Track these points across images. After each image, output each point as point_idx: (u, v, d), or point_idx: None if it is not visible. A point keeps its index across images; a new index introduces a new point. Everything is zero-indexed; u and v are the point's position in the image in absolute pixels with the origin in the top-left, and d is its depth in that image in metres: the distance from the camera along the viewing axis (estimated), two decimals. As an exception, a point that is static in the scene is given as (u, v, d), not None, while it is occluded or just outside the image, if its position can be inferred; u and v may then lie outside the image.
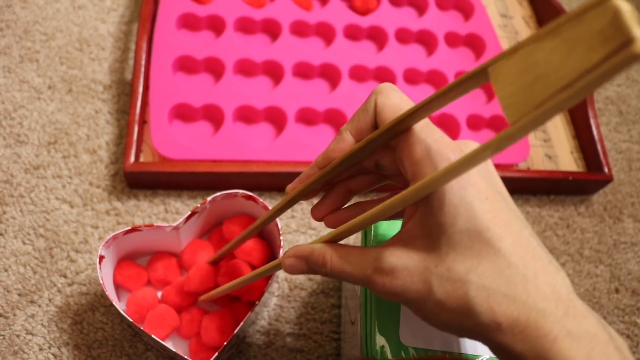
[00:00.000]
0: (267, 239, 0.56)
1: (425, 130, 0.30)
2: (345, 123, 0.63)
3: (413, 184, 0.28)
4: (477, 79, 0.25)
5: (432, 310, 0.29)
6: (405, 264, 0.29)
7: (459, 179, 0.28)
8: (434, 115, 0.67)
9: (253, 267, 0.54)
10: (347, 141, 0.34)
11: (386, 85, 0.33)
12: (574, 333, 0.26)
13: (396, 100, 0.32)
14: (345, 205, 0.39)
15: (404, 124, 0.30)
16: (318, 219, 0.39)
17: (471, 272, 0.28)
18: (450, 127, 0.68)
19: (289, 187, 0.38)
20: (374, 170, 0.36)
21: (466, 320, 0.28)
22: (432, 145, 0.30)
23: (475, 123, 0.69)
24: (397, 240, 0.31)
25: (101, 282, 0.47)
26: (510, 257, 0.28)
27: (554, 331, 0.26)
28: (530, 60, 0.21)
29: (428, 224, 0.29)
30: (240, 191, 0.51)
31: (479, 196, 0.28)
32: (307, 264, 0.34)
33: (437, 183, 0.26)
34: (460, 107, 0.67)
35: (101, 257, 0.48)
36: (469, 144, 0.31)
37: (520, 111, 0.21)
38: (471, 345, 0.41)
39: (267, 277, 0.53)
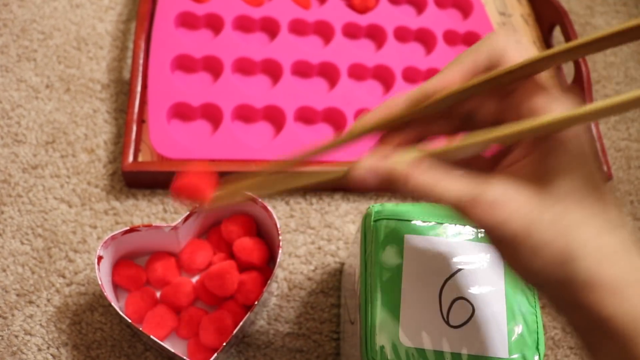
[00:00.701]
0: (266, 238, 0.55)
1: (549, 82, 0.29)
2: (344, 122, 0.63)
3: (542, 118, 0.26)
4: None
5: (528, 254, 0.27)
6: (512, 198, 0.27)
7: (580, 135, 0.27)
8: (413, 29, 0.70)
9: (248, 267, 0.54)
10: (452, 79, 0.30)
11: (503, 30, 0.31)
12: None
13: (522, 44, 0.30)
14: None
15: (530, 68, 0.28)
16: (380, 145, 0.34)
17: (583, 222, 0.26)
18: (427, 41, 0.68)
19: (360, 122, 0.33)
20: (462, 118, 0.32)
21: (560, 271, 0.26)
22: (558, 97, 0.28)
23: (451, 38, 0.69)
24: (506, 175, 0.29)
25: (100, 282, 0.47)
26: (618, 220, 0.27)
27: None
28: None
29: (545, 167, 0.27)
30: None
31: (592, 155, 0.27)
32: (382, 179, 0.30)
33: (571, 122, 0.25)
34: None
35: (100, 258, 0.48)
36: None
37: None
38: (471, 345, 0.41)
39: (266, 277, 0.53)
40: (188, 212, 0.51)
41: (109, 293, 0.48)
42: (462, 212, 0.29)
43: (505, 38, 0.30)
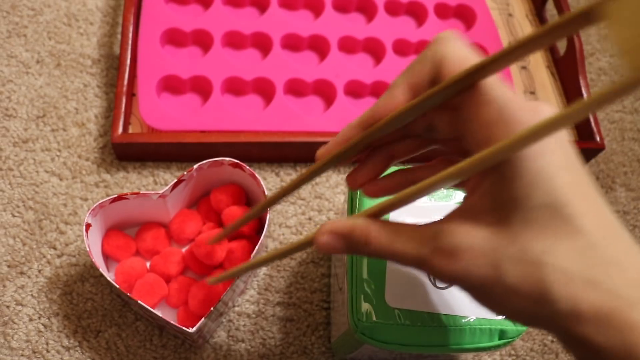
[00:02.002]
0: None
1: (496, 87, 0.26)
2: (334, 94, 0.63)
3: (482, 149, 0.24)
4: (582, 19, 0.21)
5: (501, 297, 0.25)
6: (470, 244, 0.25)
7: (536, 147, 0.24)
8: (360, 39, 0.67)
9: (237, 237, 0.54)
10: (399, 98, 0.29)
11: (448, 34, 0.28)
12: None
13: (463, 50, 0.28)
14: (385, 173, 0.35)
15: (472, 78, 0.26)
16: (355, 188, 0.35)
17: (548, 253, 0.24)
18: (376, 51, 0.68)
19: (320, 151, 0.33)
20: (423, 134, 0.31)
21: (541, 309, 0.24)
22: (507, 105, 0.25)
23: (402, 48, 0.69)
24: (461, 215, 0.27)
25: (88, 249, 0.47)
26: (592, 237, 0.24)
27: None
28: None
29: (499, 197, 0.25)
30: (227, 159, 0.51)
31: (559, 167, 0.25)
32: (346, 242, 0.29)
33: (514, 148, 0.23)
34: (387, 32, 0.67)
35: (88, 225, 0.48)
36: (543, 106, 0.26)
37: None
38: (458, 306, 0.41)
39: (252, 245, 0.53)
40: (176, 180, 0.51)
41: (98, 261, 0.48)
42: (425, 267, 0.27)
43: (444, 47, 0.28)
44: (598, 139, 0.66)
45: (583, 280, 0.24)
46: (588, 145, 0.65)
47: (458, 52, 0.28)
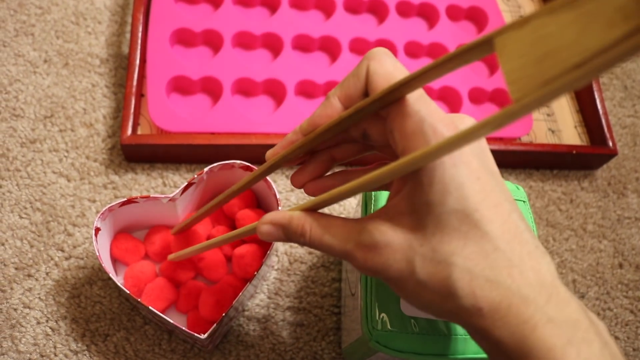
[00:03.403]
0: (266, 210, 0.55)
1: (419, 101, 0.29)
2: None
3: (403, 157, 0.26)
4: (481, 49, 0.23)
5: (413, 290, 0.28)
6: (388, 241, 0.28)
7: (451, 156, 0.27)
8: (435, 89, 0.66)
9: (253, 240, 0.53)
10: (335, 107, 0.32)
11: (379, 50, 0.31)
12: (556, 319, 0.26)
13: (389, 67, 0.30)
14: (328, 173, 0.37)
15: (397, 93, 0.29)
16: (298, 186, 0.37)
17: (456, 254, 0.27)
18: (452, 100, 0.67)
19: (269, 153, 0.36)
20: (361, 140, 0.34)
21: (447, 303, 0.27)
22: (426, 118, 0.28)
23: (477, 96, 0.68)
24: (382, 215, 0.30)
25: (97, 254, 0.46)
26: (496, 241, 0.27)
27: (534, 318, 0.26)
28: (542, 33, 0.20)
29: (415, 201, 0.28)
30: (238, 162, 0.51)
31: (471, 176, 0.27)
32: (284, 232, 0.32)
33: (428, 158, 0.25)
34: (462, 80, 0.66)
35: (97, 230, 0.48)
36: (463, 119, 0.30)
37: (526, 87, 0.20)
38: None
39: (265, 249, 0.52)
40: (186, 183, 0.50)
41: (107, 265, 0.48)
42: (349, 260, 0.30)
43: (373, 62, 0.30)
44: (611, 144, 0.65)
45: (485, 279, 0.26)
46: (601, 151, 0.65)
47: (386, 68, 0.30)
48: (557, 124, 0.70)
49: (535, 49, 0.20)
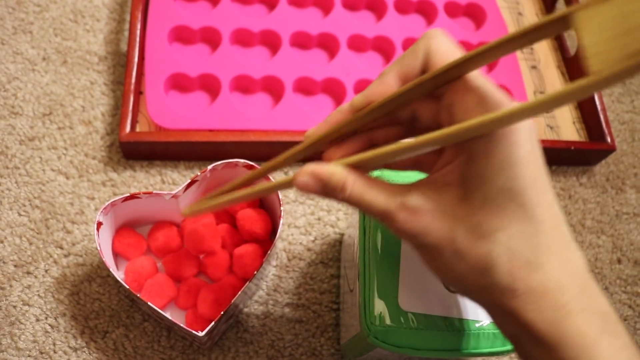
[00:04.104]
0: (268, 209, 0.55)
1: (480, 79, 0.29)
2: (344, 93, 0.62)
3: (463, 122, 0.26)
4: (556, 26, 0.23)
5: (448, 261, 0.28)
6: (434, 207, 0.28)
7: (510, 136, 0.27)
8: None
9: (255, 240, 0.53)
10: (390, 84, 0.31)
11: (437, 31, 0.31)
12: (589, 309, 0.26)
13: (449, 45, 0.30)
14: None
15: (456, 71, 0.29)
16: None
17: (500, 231, 0.27)
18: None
19: (309, 132, 0.35)
20: (407, 123, 0.33)
21: (481, 279, 0.27)
22: (489, 93, 0.28)
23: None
24: (429, 182, 0.30)
25: (98, 248, 0.47)
26: (540, 226, 0.27)
27: (569, 305, 0.26)
28: (625, 10, 0.20)
29: (467, 174, 0.28)
30: (242, 160, 0.51)
31: (526, 158, 0.27)
32: (323, 185, 0.30)
33: (492, 124, 0.25)
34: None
35: (99, 224, 0.48)
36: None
37: (608, 60, 0.20)
38: (472, 310, 0.41)
39: (265, 249, 0.52)
40: (189, 181, 0.50)
41: (108, 260, 0.48)
42: (388, 220, 0.29)
43: (434, 40, 0.30)
44: (609, 140, 0.65)
45: (526, 261, 0.26)
46: (599, 147, 0.65)
47: (444, 46, 0.30)
48: (556, 120, 0.70)
49: (618, 24, 0.20)
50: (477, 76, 0.29)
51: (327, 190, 0.31)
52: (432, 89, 0.30)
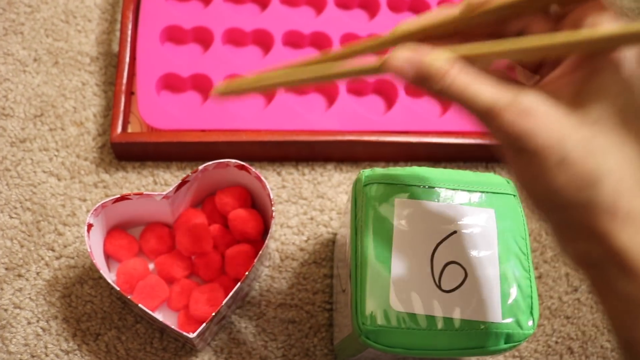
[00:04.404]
0: (260, 209, 0.55)
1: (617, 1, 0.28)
2: (337, 92, 0.62)
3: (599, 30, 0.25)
4: None
5: (550, 169, 0.26)
6: (548, 110, 0.26)
7: (638, 57, 0.25)
8: None
9: (247, 240, 0.53)
10: None
11: None
12: None
13: None
14: None
15: None
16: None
17: (615, 148, 0.25)
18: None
19: (399, 26, 0.31)
20: (509, 37, 0.30)
21: (582, 193, 0.26)
22: (622, 12, 0.27)
23: None
24: (545, 87, 0.28)
25: (89, 250, 0.46)
26: None
27: None
28: None
29: (588, 86, 0.26)
30: (233, 160, 0.50)
31: None
32: (419, 72, 0.28)
33: (629, 38, 0.24)
34: None
35: (90, 226, 0.48)
36: None
37: None
38: (463, 310, 0.40)
39: (257, 251, 0.52)
40: (180, 181, 0.50)
41: (99, 262, 0.48)
42: (492, 117, 0.27)
43: None
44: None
45: (635, 183, 0.25)
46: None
47: None
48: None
49: None
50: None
51: (424, 77, 0.28)
52: (559, 5, 0.28)
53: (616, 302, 0.27)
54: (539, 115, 0.26)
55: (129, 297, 0.46)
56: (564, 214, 0.27)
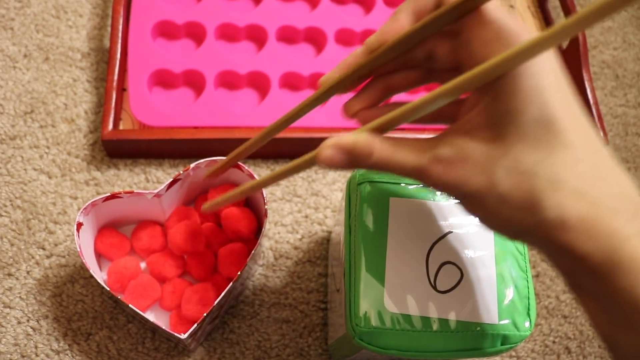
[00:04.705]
0: (253, 207, 0.54)
1: (498, 10, 0.28)
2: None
3: (483, 64, 0.25)
4: None
5: (492, 206, 0.27)
6: (467, 153, 0.27)
7: (531, 66, 0.26)
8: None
9: (240, 239, 0.52)
10: (404, 22, 0.30)
11: None
12: None
13: None
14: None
15: (471, 3, 0.27)
16: (351, 114, 0.35)
17: (540, 163, 0.25)
18: None
19: (323, 78, 0.34)
20: (424, 63, 0.32)
21: (529, 217, 0.26)
22: (507, 25, 0.27)
23: None
24: (458, 129, 0.28)
25: (79, 249, 0.45)
26: (580, 152, 0.26)
27: (623, 230, 0.25)
28: None
29: (495, 112, 0.27)
30: (225, 158, 0.50)
31: (553, 85, 0.26)
32: (349, 155, 0.29)
33: (513, 61, 0.24)
34: None
35: (79, 225, 0.47)
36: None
37: None
38: (459, 311, 0.40)
39: (251, 248, 0.51)
40: (172, 179, 0.49)
41: (88, 261, 0.47)
42: (422, 176, 0.28)
43: None
44: (602, 134, 0.64)
45: (572, 190, 0.25)
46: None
47: None
48: (547, 114, 0.68)
49: None
50: (493, 8, 0.28)
51: (353, 158, 0.29)
52: (448, 24, 0.29)
53: (591, 303, 0.27)
54: (462, 161, 0.27)
55: (119, 297, 0.45)
56: (525, 237, 0.28)
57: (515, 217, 0.26)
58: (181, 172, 0.49)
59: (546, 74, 0.26)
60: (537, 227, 0.26)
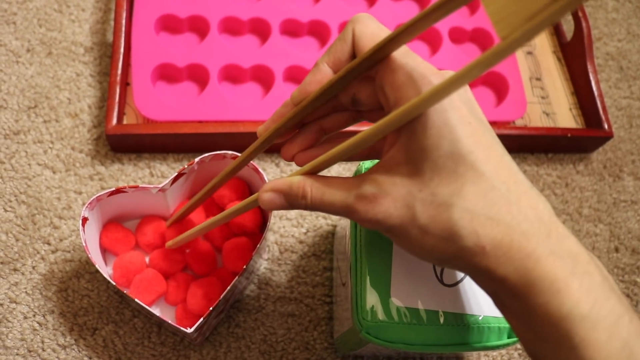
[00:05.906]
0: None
1: (406, 55, 0.29)
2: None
3: (396, 109, 0.27)
4: None
5: (416, 237, 0.28)
6: (388, 190, 0.29)
7: (442, 104, 0.27)
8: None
9: (245, 233, 0.52)
10: (325, 73, 0.32)
11: (363, 15, 0.32)
12: (557, 253, 0.27)
13: (374, 28, 0.31)
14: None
15: (384, 51, 0.29)
16: (288, 158, 0.37)
17: (455, 195, 0.27)
18: (432, 40, 0.68)
19: (260, 128, 0.37)
20: (350, 107, 0.34)
21: (450, 246, 0.28)
22: (415, 69, 0.29)
23: (458, 37, 0.69)
24: (380, 168, 0.30)
25: (84, 244, 0.45)
26: (493, 181, 0.27)
27: (536, 251, 0.26)
28: None
29: (411, 149, 0.28)
30: (230, 152, 0.49)
31: (462, 120, 0.28)
32: (286, 197, 0.32)
33: (422, 106, 0.25)
34: (442, 21, 0.66)
35: (84, 219, 0.47)
36: (447, 72, 0.30)
37: (512, 25, 0.20)
38: (465, 304, 0.40)
39: (256, 242, 0.51)
40: (176, 174, 0.49)
41: (94, 256, 0.47)
42: (350, 214, 0.30)
43: (359, 24, 0.31)
44: (606, 126, 0.64)
45: (486, 217, 0.27)
46: (596, 134, 0.64)
47: (370, 29, 0.31)
48: (552, 107, 0.68)
49: None
50: (402, 54, 0.29)
51: (291, 200, 0.32)
52: (364, 72, 0.31)
53: (514, 321, 0.29)
54: (383, 198, 0.29)
55: (125, 291, 0.45)
56: (451, 264, 0.30)
57: (438, 247, 0.28)
58: (185, 166, 0.49)
59: (457, 110, 0.28)
60: (458, 254, 0.28)
